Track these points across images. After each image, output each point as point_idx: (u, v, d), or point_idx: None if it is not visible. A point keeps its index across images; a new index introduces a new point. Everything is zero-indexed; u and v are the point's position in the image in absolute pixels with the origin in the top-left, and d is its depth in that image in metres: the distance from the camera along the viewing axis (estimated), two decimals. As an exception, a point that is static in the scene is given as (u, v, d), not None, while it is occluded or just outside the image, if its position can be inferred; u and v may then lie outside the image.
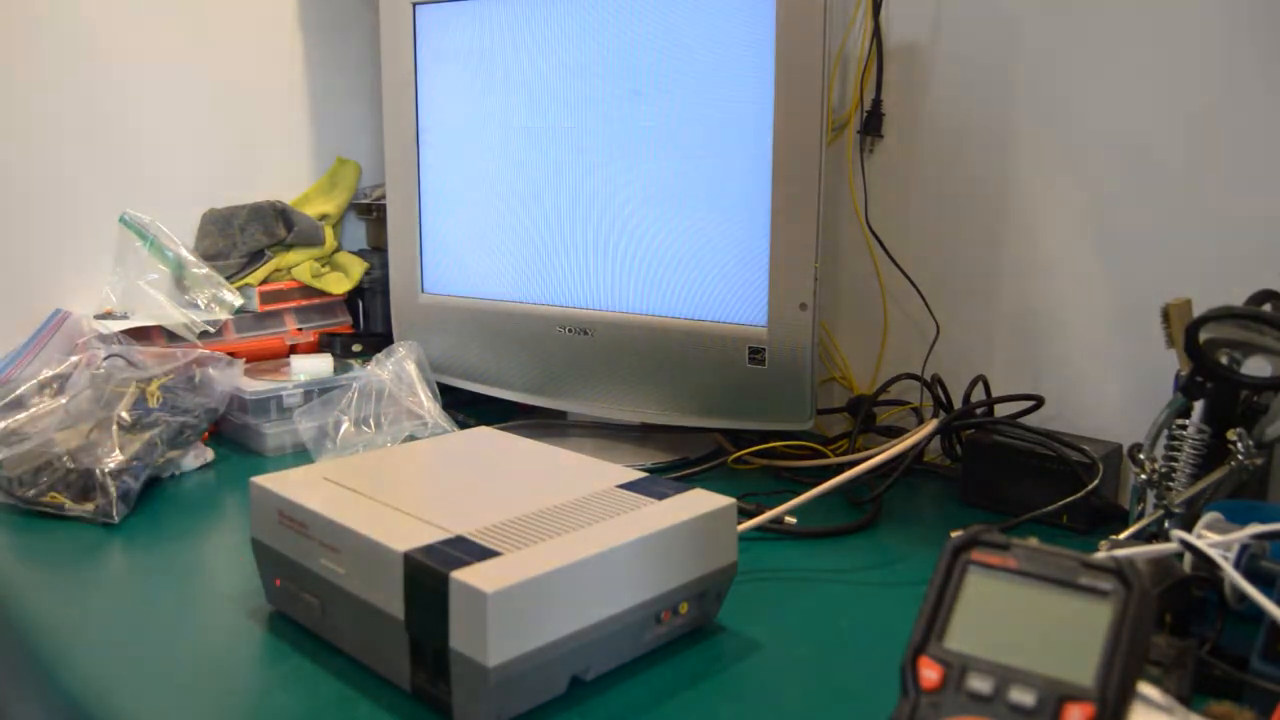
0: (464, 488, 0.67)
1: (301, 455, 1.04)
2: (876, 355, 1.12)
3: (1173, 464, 0.74)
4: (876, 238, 1.08)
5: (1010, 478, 0.88)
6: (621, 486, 0.67)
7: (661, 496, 0.65)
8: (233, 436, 1.09)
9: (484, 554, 0.55)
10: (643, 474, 0.70)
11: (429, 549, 0.56)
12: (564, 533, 0.58)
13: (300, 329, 1.26)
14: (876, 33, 1.05)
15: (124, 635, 0.65)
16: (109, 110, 1.20)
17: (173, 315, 1.16)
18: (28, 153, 1.15)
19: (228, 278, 1.22)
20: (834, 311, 1.15)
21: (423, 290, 1.15)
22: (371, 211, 1.36)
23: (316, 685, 0.59)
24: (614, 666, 0.60)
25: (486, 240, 1.09)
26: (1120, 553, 0.43)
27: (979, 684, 0.39)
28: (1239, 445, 0.71)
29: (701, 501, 0.64)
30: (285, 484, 0.66)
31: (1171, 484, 0.73)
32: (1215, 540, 0.57)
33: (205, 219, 1.27)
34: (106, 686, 0.59)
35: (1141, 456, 0.74)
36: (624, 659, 0.61)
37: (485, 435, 0.80)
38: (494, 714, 0.53)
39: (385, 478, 0.68)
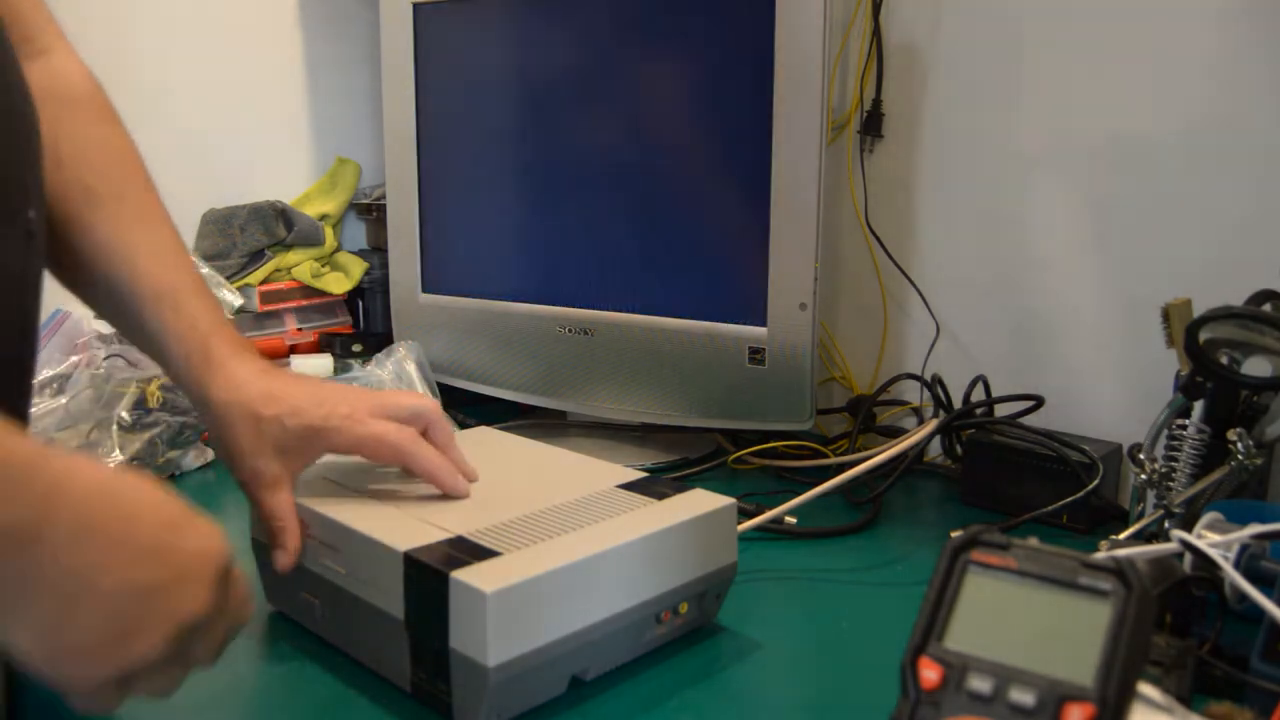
0: (464, 488, 0.67)
1: (301, 455, 1.04)
2: (876, 355, 1.12)
3: (1173, 464, 0.74)
4: (876, 238, 1.08)
5: (1010, 478, 0.88)
6: (621, 486, 0.67)
7: (661, 496, 0.65)
8: (233, 436, 1.09)
9: (484, 554, 0.55)
10: (643, 474, 0.70)
11: (429, 549, 0.56)
12: (564, 533, 0.58)
13: (300, 329, 1.25)
14: (876, 33, 1.05)
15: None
16: (109, 110, 1.20)
17: (173, 315, 1.16)
18: (28, 153, 1.15)
19: (228, 278, 1.22)
20: (834, 311, 1.15)
21: (423, 290, 1.15)
22: (371, 211, 1.36)
23: (316, 685, 0.59)
24: (614, 666, 0.60)
25: (486, 240, 1.09)
26: (1120, 553, 0.43)
27: (979, 684, 0.39)
28: (1239, 445, 0.71)
29: (701, 501, 0.64)
30: (285, 484, 0.66)
31: (1171, 484, 0.73)
32: (1215, 540, 0.57)
33: (205, 219, 1.27)
34: (106, 686, 0.59)
35: (1141, 456, 0.74)
36: (624, 659, 0.61)
37: (485, 435, 0.80)
38: (494, 714, 0.53)
39: (385, 478, 0.68)
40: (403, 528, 0.59)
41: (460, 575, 0.52)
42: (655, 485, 0.67)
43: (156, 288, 0.61)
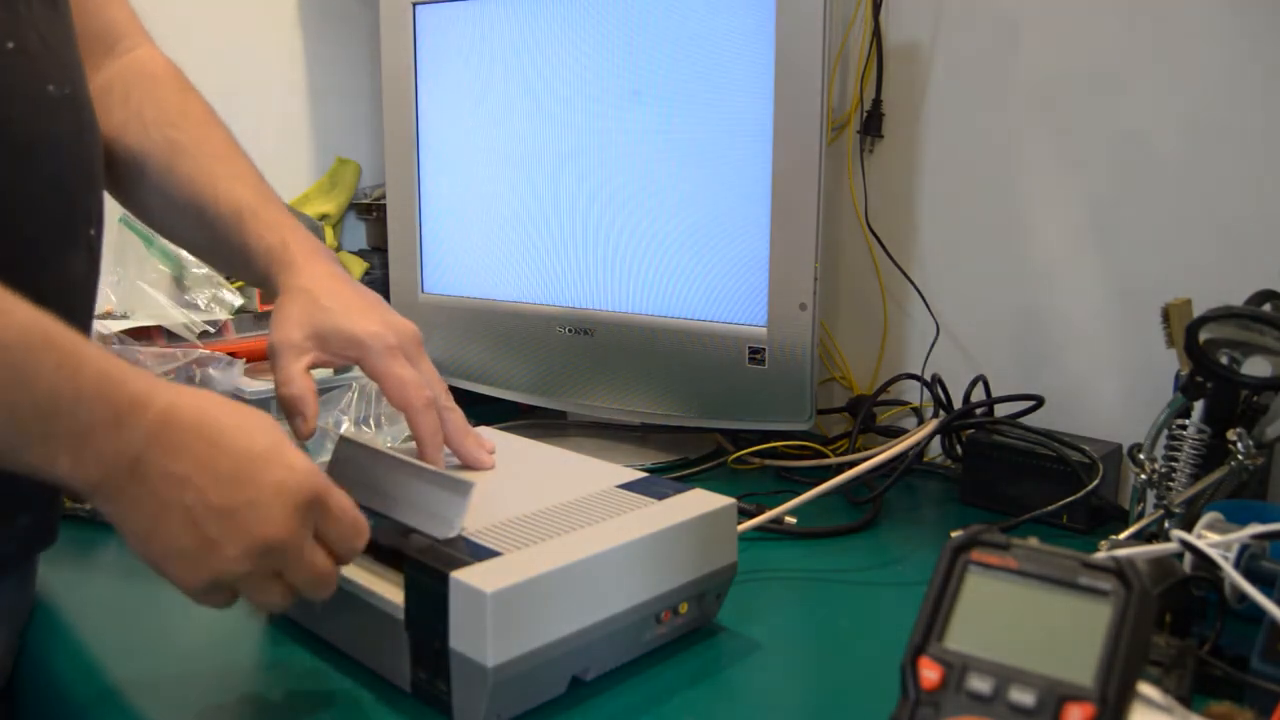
0: (464, 488, 0.67)
1: (301, 455, 1.04)
2: (876, 355, 1.12)
3: (1173, 464, 0.74)
4: (876, 238, 1.08)
5: (1010, 478, 0.88)
6: (621, 486, 0.67)
7: (661, 496, 0.65)
8: (233, 436, 1.09)
9: (484, 554, 0.55)
10: (643, 474, 0.70)
11: (429, 549, 0.56)
12: (564, 533, 0.58)
13: (300, 329, 1.25)
14: (876, 33, 1.05)
15: (123, 635, 0.65)
16: (109, 110, 1.20)
17: (173, 315, 1.16)
18: (28, 153, 1.15)
19: (227, 277, 1.22)
20: (834, 311, 1.15)
21: (423, 290, 1.15)
22: (371, 211, 1.36)
23: (316, 685, 0.59)
24: (614, 666, 0.60)
25: (486, 240, 1.09)
26: (1120, 553, 0.43)
27: (979, 684, 0.39)
28: (1239, 445, 0.71)
29: (701, 501, 0.64)
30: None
31: (1171, 484, 0.73)
32: (1215, 540, 0.57)
33: (205, 219, 1.27)
34: (106, 686, 0.59)
35: (1141, 456, 0.74)
36: (624, 659, 0.61)
37: (485, 435, 0.80)
38: (494, 714, 0.53)
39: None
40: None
41: (460, 575, 0.52)
42: (655, 485, 0.67)
43: (237, 204, 0.67)
